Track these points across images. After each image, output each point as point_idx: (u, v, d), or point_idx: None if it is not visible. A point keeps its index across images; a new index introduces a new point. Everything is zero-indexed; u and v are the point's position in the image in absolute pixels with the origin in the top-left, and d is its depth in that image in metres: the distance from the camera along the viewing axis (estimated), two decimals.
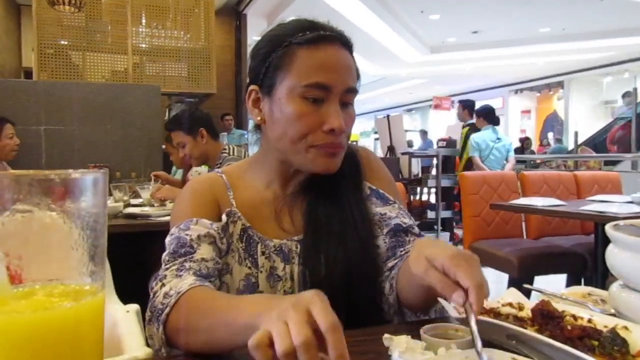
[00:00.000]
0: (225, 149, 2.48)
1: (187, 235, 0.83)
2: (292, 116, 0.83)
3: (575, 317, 0.69)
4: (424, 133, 12.64)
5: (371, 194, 0.95)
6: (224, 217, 0.88)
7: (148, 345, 0.78)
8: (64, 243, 0.39)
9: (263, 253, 0.89)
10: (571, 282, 2.98)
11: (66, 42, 5.08)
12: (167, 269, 0.79)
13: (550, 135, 12.99)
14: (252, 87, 0.89)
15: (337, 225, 0.89)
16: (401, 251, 0.89)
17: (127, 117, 4.02)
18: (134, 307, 1.03)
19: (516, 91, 14.91)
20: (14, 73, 6.94)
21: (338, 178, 0.91)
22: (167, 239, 0.85)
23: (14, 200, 0.36)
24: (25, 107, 3.76)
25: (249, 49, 1.13)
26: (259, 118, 0.89)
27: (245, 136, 6.70)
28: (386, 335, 0.64)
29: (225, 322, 0.65)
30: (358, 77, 0.90)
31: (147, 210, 2.37)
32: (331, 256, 0.86)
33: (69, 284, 0.39)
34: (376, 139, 11.92)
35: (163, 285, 0.76)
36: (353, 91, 0.86)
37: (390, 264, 0.89)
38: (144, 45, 5.48)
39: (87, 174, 0.38)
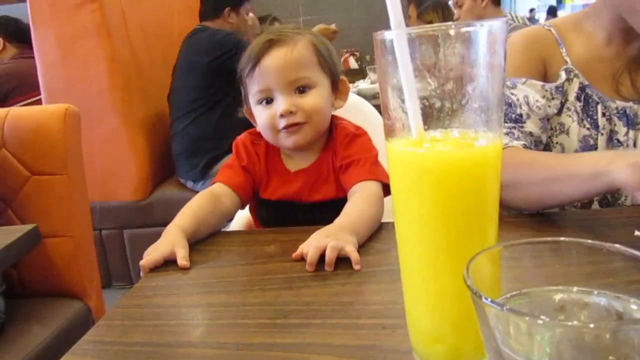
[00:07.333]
0: (507, 16, 2.31)
1: (512, 94, 0.81)
2: None
3: None
4: None
5: None
6: (562, 75, 0.84)
7: None
8: None
9: (604, 114, 0.83)
10: None
11: None
12: None
13: None
14: None
15: None
16: None
17: (371, 2, 4.07)
18: None
19: None
20: None
21: None
22: None
23: None
24: (285, 2, 4.11)
25: None
26: None
27: None
28: None
29: (565, 174, 0.65)
30: None
31: None
32: None
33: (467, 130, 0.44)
34: None
35: None
36: None
37: None
38: None
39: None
